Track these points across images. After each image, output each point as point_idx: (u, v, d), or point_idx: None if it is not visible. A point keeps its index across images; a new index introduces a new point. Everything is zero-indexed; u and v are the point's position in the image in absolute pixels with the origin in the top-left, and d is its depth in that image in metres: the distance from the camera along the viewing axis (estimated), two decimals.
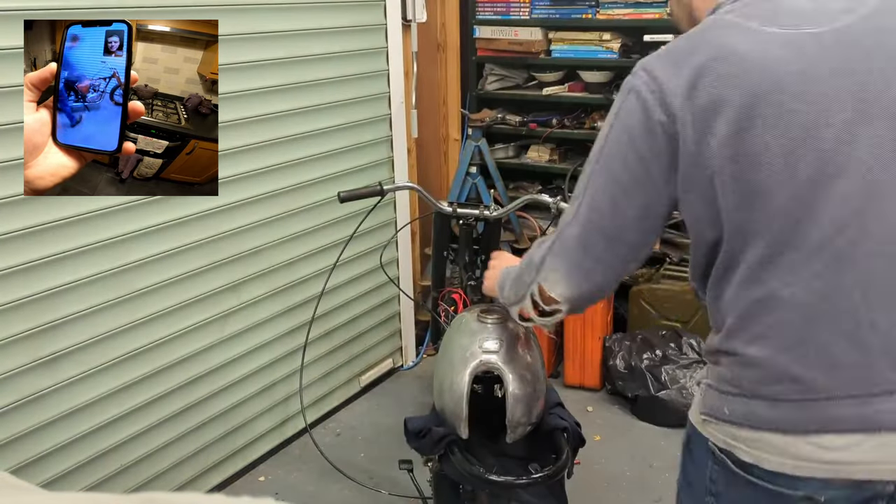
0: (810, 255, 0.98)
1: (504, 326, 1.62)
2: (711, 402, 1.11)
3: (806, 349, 1.00)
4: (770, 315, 1.01)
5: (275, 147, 2.49)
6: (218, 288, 2.37)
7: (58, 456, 2.01)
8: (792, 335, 1.00)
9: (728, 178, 0.99)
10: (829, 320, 0.99)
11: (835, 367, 0.99)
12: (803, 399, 1.01)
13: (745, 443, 1.06)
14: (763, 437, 1.04)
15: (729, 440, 1.09)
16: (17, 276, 1.85)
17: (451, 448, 1.55)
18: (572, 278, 1.14)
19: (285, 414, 2.74)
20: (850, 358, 0.98)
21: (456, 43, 3.36)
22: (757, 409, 1.04)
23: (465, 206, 2.16)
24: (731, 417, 1.07)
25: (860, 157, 0.96)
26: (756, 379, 1.04)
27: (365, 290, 3.00)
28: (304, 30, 2.52)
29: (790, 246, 0.99)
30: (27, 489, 0.57)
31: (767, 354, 1.02)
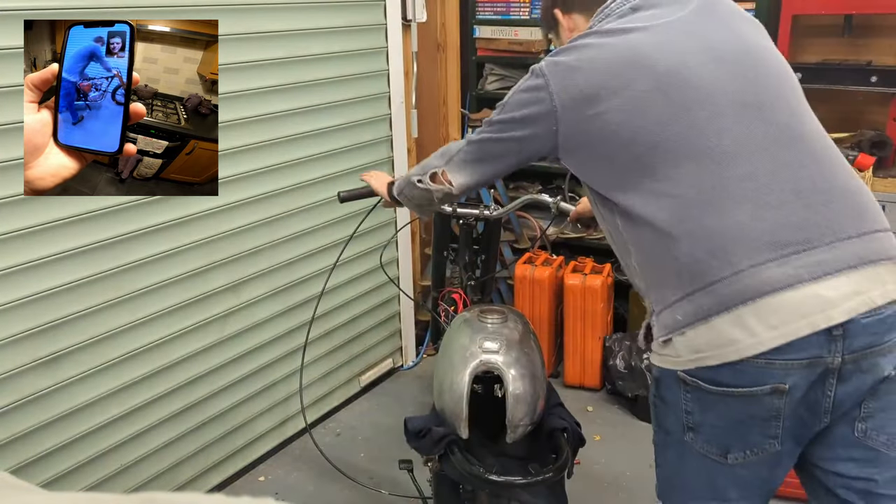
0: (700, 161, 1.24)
1: (504, 326, 1.62)
2: (664, 321, 1.27)
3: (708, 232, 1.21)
4: (682, 218, 1.23)
5: (275, 147, 2.49)
6: (218, 288, 2.37)
7: (58, 456, 2.01)
8: (695, 223, 1.22)
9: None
10: (722, 207, 1.21)
11: (743, 240, 1.19)
12: (732, 274, 1.18)
13: (706, 346, 1.21)
14: (715, 326, 1.19)
15: (693, 355, 1.23)
16: (17, 276, 1.85)
17: (451, 448, 1.55)
18: (468, 174, 1.50)
19: (285, 414, 2.74)
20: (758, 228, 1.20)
21: (456, 43, 3.36)
22: (700, 300, 1.21)
23: (465, 206, 2.16)
24: (684, 321, 1.23)
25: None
26: (689, 277, 1.22)
27: (365, 290, 3.00)
28: (304, 30, 2.52)
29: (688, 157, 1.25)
30: (27, 489, 0.57)
31: (686, 249, 1.22)
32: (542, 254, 3.18)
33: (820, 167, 1.25)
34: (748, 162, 1.22)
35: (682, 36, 1.30)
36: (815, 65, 2.78)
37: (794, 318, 1.15)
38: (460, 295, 2.16)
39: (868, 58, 2.77)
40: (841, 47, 2.85)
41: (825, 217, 1.20)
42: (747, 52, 1.31)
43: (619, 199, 1.32)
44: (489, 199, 3.25)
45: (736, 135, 1.24)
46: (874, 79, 2.63)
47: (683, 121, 1.24)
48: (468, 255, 2.23)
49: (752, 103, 1.26)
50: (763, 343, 1.16)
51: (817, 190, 1.22)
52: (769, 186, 1.21)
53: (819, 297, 1.15)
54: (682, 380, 1.26)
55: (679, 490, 1.40)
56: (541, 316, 3.05)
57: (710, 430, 1.28)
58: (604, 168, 1.34)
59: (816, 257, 1.17)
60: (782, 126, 1.27)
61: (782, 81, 1.32)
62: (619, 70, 1.28)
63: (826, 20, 2.84)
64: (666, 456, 1.40)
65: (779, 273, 1.17)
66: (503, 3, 3.35)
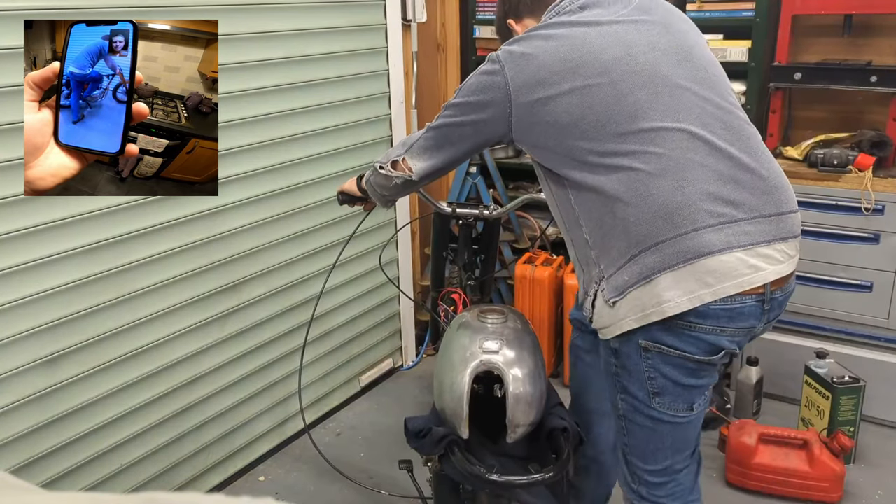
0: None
1: (504, 326, 1.62)
2: (614, 283, 1.40)
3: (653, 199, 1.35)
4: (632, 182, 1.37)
5: (275, 147, 2.49)
6: (218, 288, 2.37)
7: (58, 456, 2.01)
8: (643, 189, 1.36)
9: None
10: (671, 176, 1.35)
11: (686, 207, 1.34)
12: (676, 235, 1.33)
13: (649, 303, 1.35)
14: (659, 283, 1.34)
15: (638, 313, 1.37)
16: (17, 276, 1.85)
17: (451, 448, 1.54)
18: (426, 159, 1.58)
19: (285, 414, 2.73)
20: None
21: (456, 43, 3.36)
22: (645, 259, 1.35)
23: (464, 206, 2.16)
24: (630, 280, 1.37)
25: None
26: (637, 238, 1.35)
27: (365, 290, 2.99)
28: (304, 30, 2.52)
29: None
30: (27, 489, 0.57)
31: (636, 212, 1.35)
32: (542, 254, 3.18)
33: (750, 149, 1.42)
34: (688, 137, 1.37)
35: (625, 30, 1.43)
36: (815, 65, 2.78)
37: (726, 278, 1.33)
38: (460, 295, 2.16)
39: (868, 58, 2.77)
40: (841, 47, 2.85)
41: (753, 195, 1.38)
42: (681, 46, 1.45)
43: (572, 174, 1.44)
44: (489, 199, 3.25)
45: (675, 113, 1.38)
46: (874, 79, 2.63)
47: (628, 102, 1.37)
48: (468, 254, 2.23)
49: (688, 88, 1.40)
50: (700, 298, 1.33)
51: (747, 169, 1.39)
52: (707, 160, 1.36)
53: (744, 262, 1.34)
54: (642, 348, 1.41)
55: (661, 450, 1.52)
56: (541, 316, 3.05)
57: (672, 390, 1.43)
58: (555, 147, 1.44)
59: (745, 228, 1.35)
60: (715, 108, 1.41)
61: (711, 73, 1.47)
62: (569, 58, 1.40)
63: (826, 20, 2.84)
64: (636, 421, 1.50)
65: (715, 238, 1.33)
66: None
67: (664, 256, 1.34)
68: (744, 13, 2.80)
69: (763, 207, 1.38)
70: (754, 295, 1.37)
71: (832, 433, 2.41)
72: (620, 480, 1.64)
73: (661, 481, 1.55)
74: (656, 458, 1.53)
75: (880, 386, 2.65)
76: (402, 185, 1.65)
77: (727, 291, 1.33)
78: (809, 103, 2.95)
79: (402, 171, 1.61)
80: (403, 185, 1.65)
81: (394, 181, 1.64)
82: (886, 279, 2.60)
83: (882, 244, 2.58)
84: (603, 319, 1.44)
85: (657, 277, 1.34)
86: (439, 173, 1.63)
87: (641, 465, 1.55)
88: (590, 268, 1.47)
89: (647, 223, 1.35)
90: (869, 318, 2.67)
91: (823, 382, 2.53)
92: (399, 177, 1.62)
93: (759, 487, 2.39)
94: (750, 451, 2.37)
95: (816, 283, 2.71)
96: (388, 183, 1.67)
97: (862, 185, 2.55)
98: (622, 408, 1.52)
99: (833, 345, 2.72)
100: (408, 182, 1.63)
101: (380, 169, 1.66)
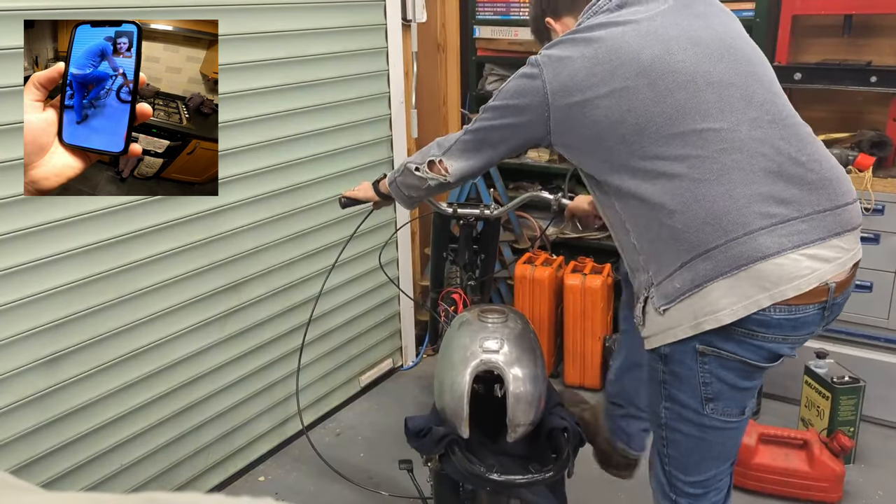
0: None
1: (504, 326, 1.62)
2: (664, 291, 1.36)
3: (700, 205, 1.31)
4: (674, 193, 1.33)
5: (275, 147, 2.49)
6: (218, 288, 2.37)
7: (58, 456, 2.01)
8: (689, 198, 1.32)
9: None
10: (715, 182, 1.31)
11: (731, 211, 1.29)
12: (727, 241, 1.29)
13: (703, 311, 1.31)
14: (713, 291, 1.30)
15: (696, 321, 1.33)
16: (17, 276, 1.85)
17: (451, 447, 1.54)
18: (465, 160, 1.57)
19: (285, 414, 2.74)
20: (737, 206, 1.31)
21: (456, 43, 3.36)
22: (697, 267, 1.31)
23: (464, 206, 2.16)
24: (682, 287, 1.33)
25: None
26: (686, 246, 1.31)
27: (365, 290, 3.00)
28: (304, 30, 2.52)
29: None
30: (27, 489, 0.57)
31: (682, 219, 1.31)
32: (542, 254, 3.18)
33: (799, 142, 1.36)
34: (733, 136, 1.32)
35: (663, 27, 1.39)
36: (815, 65, 2.78)
37: (782, 281, 1.29)
38: (460, 295, 2.16)
39: (868, 58, 2.78)
40: (841, 47, 2.85)
41: (804, 191, 1.32)
42: (722, 39, 1.41)
43: (613, 179, 1.41)
44: (489, 199, 3.25)
45: (718, 112, 1.33)
46: (874, 79, 2.63)
47: (668, 103, 1.33)
48: (468, 254, 2.23)
49: (731, 83, 1.36)
50: (757, 303, 1.29)
51: (797, 163, 1.34)
52: (754, 159, 1.31)
53: (800, 263, 1.29)
54: (698, 352, 1.36)
55: (705, 460, 1.49)
56: (541, 316, 3.05)
57: (728, 395, 1.39)
58: (594, 152, 1.42)
59: (798, 227, 1.30)
60: (760, 102, 1.36)
61: (756, 64, 1.43)
62: (607, 60, 1.37)
63: (826, 20, 2.84)
64: (681, 430, 1.47)
65: (768, 241, 1.28)
66: (503, 4, 3.35)
67: (716, 263, 1.30)
68: (744, 13, 2.80)
69: (816, 203, 1.32)
70: (816, 304, 1.32)
71: (832, 433, 2.41)
72: (656, 489, 1.60)
73: (702, 492, 1.52)
74: (700, 469, 1.49)
75: (880, 386, 2.65)
76: (436, 186, 1.63)
77: (785, 295, 1.29)
78: (809, 103, 2.95)
79: (439, 172, 1.60)
80: (438, 187, 1.64)
81: (427, 182, 1.63)
82: (886, 279, 2.60)
83: (882, 244, 2.58)
84: (653, 327, 1.41)
85: (710, 285, 1.30)
86: (474, 175, 1.62)
87: (683, 477, 1.51)
88: (639, 273, 1.44)
89: (695, 230, 1.31)
90: (869, 318, 2.67)
91: (823, 382, 2.53)
92: (434, 178, 1.61)
93: (758, 488, 2.39)
94: (750, 452, 2.38)
95: None
96: (420, 184, 1.65)
97: (862, 185, 2.55)
98: (665, 416, 1.47)
99: (833, 345, 2.72)
100: (443, 184, 1.62)
101: (415, 170, 1.63)
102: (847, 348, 2.72)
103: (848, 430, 2.49)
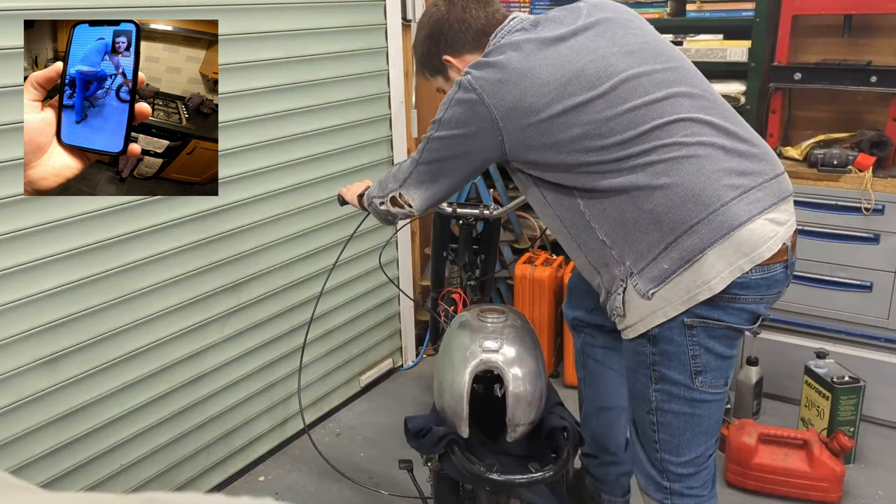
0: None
1: (504, 326, 1.62)
2: (651, 275, 1.41)
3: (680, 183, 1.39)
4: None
5: (275, 147, 2.49)
6: (217, 288, 2.37)
7: (58, 456, 2.01)
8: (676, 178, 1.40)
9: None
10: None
11: (711, 187, 1.38)
12: (707, 215, 1.36)
13: (695, 284, 1.38)
14: (704, 263, 1.37)
15: (685, 296, 1.39)
16: (17, 276, 1.85)
17: (451, 447, 1.54)
18: (423, 193, 1.60)
19: (285, 414, 2.74)
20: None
21: None
22: (684, 243, 1.37)
23: (464, 206, 2.16)
24: (671, 267, 1.39)
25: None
26: (670, 225, 1.38)
27: (365, 290, 3.00)
28: (304, 30, 2.52)
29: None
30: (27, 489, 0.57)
31: (662, 200, 1.38)
32: (542, 254, 3.18)
33: (737, 122, 1.49)
34: (690, 124, 1.41)
35: (592, 40, 1.46)
36: (815, 65, 2.78)
37: (759, 244, 1.38)
38: (460, 295, 2.16)
39: (868, 58, 2.78)
40: (841, 47, 2.85)
41: (754, 163, 1.44)
42: (648, 43, 1.50)
43: (583, 182, 1.45)
44: (489, 199, 3.25)
45: (670, 106, 1.42)
46: (874, 79, 2.63)
47: (625, 108, 1.40)
48: (468, 254, 2.23)
49: (672, 80, 1.45)
50: (740, 268, 1.38)
51: (742, 140, 1.45)
52: (712, 139, 1.41)
53: (766, 226, 1.40)
54: (687, 326, 1.43)
55: (696, 437, 1.54)
56: (541, 316, 3.05)
57: (715, 365, 1.47)
58: (560, 165, 1.46)
59: (757, 195, 1.41)
60: (700, 93, 1.47)
61: (681, 60, 1.52)
62: (551, 79, 1.41)
63: (826, 20, 2.84)
64: (672, 409, 1.51)
65: (739, 210, 1.38)
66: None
67: (701, 237, 1.37)
68: (744, 13, 2.80)
69: (764, 173, 1.44)
70: (781, 262, 1.43)
71: (832, 433, 2.41)
72: (645, 484, 1.63)
73: (694, 471, 1.57)
74: (691, 448, 1.54)
75: (880, 386, 2.65)
76: (403, 218, 1.71)
77: (763, 256, 1.39)
78: (809, 103, 2.95)
79: (401, 206, 1.65)
80: (404, 218, 1.72)
81: (397, 216, 1.71)
82: (886, 279, 2.60)
83: (882, 244, 2.58)
84: (639, 312, 1.45)
85: (701, 257, 1.37)
86: (439, 203, 1.67)
87: (674, 458, 1.56)
88: (610, 267, 1.48)
89: (677, 209, 1.38)
90: (869, 318, 2.67)
91: (823, 382, 2.53)
92: (399, 212, 1.67)
93: (758, 487, 2.39)
94: (750, 452, 2.37)
95: (816, 283, 2.71)
96: (388, 216, 1.74)
97: (862, 185, 2.55)
98: (657, 399, 1.52)
99: (833, 345, 2.72)
100: (410, 215, 1.68)
101: (380, 206, 1.70)
102: (847, 348, 2.72)
103: (848, 430, 2.49)
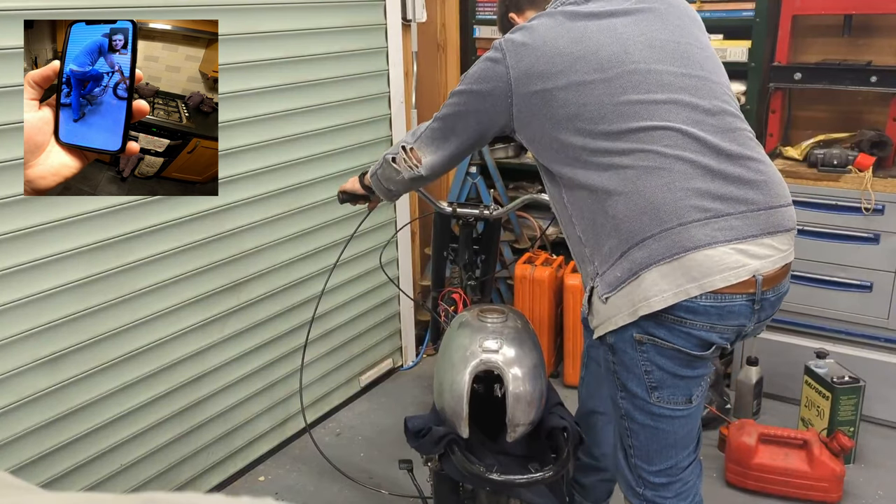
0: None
1: (504, 326, 1.62)
2: (607, 280, 1.41)
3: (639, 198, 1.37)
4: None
5: (275, 147, 2.49)
6: (218, 288, 2.37)
7: (58, 456, 2.01)
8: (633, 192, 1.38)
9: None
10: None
11: (663, 205, 1.35)
12: (660, 231, 1.34)
13: (639, 298, 1.36)
14: (647, 278, 1.35)
15: (633, 307, 1.38)
16: (17, 276, 1.85)
17: (451, 447, 1.54)
18: (434, 150, 1.61)
19: (285, 414, 2.74)
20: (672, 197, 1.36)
21: (456, 43, 3.36)
22: (634, 255, 1.36)
23: (464, 206, 2.16)
24: (622, 276, 1.38)
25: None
26: (626, 234, 1.37)
27: (365, 290, 3.00)
28: (304, 30, 2.52)
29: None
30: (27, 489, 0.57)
31: (622, 208, 1.37)
32: (542, 254, 3.18)
33: (741, 145, 1.42)
34: (679, 135, 1.37)
35: (623, 25, 1.44)
36: (815, 65, 2.78)
37: (712, 272, 1.33)
38: (460, 295, 2.16)
39: (868, 58, 2.78)
40: (841, 47, 2.85)
41: (742, 190, 1.38)
42: (678, 43, 1.46)
43: (566, 171, 1.45)
44: (489, 199, 3.25)
45: (667, 112, 1.39)
46: (874, 79, 2.63)
47: (621, 101, 1.39)
48: (468, 254, 2.23)
49: (682, 86, 1.41)
50: (686, 292, 1.34)
51: (737, 164, 1.39)
52: (697, 157, 1.37)
53: (730, 256, 1.34)
54: (636, 342, 1.41)
55: (664, 449, 1.52)
56: (541, 316, 3.05)
57: (670, 382, 1.44)
58: (551, 143, 1.46)
59: (731, 223, 1.35)
60: (708, 108, 1.42)
61: (708, 71, 1.47)
62: (567, 52, 1.41)
63: (826, 20, 2.84)
64: (637, 419, 1.50)
65: (700, 233, 1.34)
66: None
67: (650, 252, 1.35)
68: (744, 13, 2.80)
69: (752, 202, 1.38)
70: (745, 294, 1.37)
71: (832, 433, 2.41)
72: (624, 488, 1.63)
73: (666, 481, 1.55)
74: (661, 458, 1.53)
75: (880, 386, 2.65)
76: (409, 179, 1.67)
77: (714, 285, 1.34)
78: (809, 103, 2.95)
79: (411, 161, 1.64)
80: (412, 181, 1.67)
81: (402, 174, 1.66)
82: (886, 279, 2.60)
83: (882, 244, 2.58)
84: (599, 315, 1.46)
85: (644, 273, 1.36)
86: (445, 167, 1.65)
87: (646, 466, 1.55)
88: (585, 265, 1.50)
89: (634, 220, 1.37)
90: (869, 318, 2.67)
91: (823, 382, 2.53)
92: (407, 169, 1.65)
93: (758, 487, 2.39)
94: (750, 451, 2.38)
95: (816, 283, 2.71)
96: (395, 176, 1.69)
97: (862, 185, 2.55)
98: (623, 407, 1.52)
99: (833, 345, 2.72)
100: (416, 178, 1.66)
101: (392, 161, 1.68)
102: (847, 348, 2.72)
103: (848, 430, 2.49)
